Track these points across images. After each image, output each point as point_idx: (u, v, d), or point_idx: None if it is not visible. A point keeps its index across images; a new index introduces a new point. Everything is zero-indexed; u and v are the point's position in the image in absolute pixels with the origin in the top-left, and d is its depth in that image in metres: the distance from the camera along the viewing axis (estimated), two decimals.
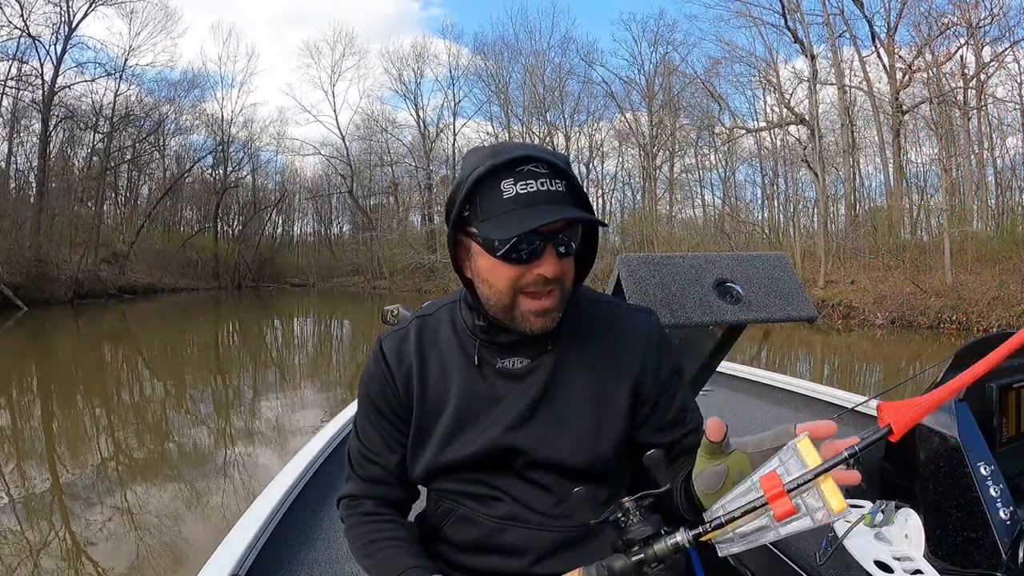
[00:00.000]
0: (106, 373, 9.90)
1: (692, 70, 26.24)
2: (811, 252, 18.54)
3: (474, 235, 0.85)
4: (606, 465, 0.93)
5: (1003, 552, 1.23)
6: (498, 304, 0.87)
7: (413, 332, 0.98)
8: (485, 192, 0.83)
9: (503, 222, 0.81)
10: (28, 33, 22.84)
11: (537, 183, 0.82)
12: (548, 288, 0.85)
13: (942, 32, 17.88)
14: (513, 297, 0.86)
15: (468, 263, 0.90)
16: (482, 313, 0.91)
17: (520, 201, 0.81)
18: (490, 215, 0.82)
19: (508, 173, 0.82)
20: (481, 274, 0.87)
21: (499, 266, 0.84)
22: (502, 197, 0.82)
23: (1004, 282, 12.58)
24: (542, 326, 0.87)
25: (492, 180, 0.82)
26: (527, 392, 0.92)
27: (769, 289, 1.73)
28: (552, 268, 0.83)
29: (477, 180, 0.82)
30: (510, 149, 0.83)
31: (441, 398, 0.94)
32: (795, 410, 2.95)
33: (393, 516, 0.99)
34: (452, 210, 0.86)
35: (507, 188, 0.81)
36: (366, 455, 0.98)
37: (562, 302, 0.89)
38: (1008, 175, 17.91)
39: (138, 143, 31.21)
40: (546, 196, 0.82)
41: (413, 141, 36.51)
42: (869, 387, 8.24)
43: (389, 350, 0.97)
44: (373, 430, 0.98)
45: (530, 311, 0.86)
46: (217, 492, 4.40)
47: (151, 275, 29.65)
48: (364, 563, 0.93)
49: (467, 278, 0.91)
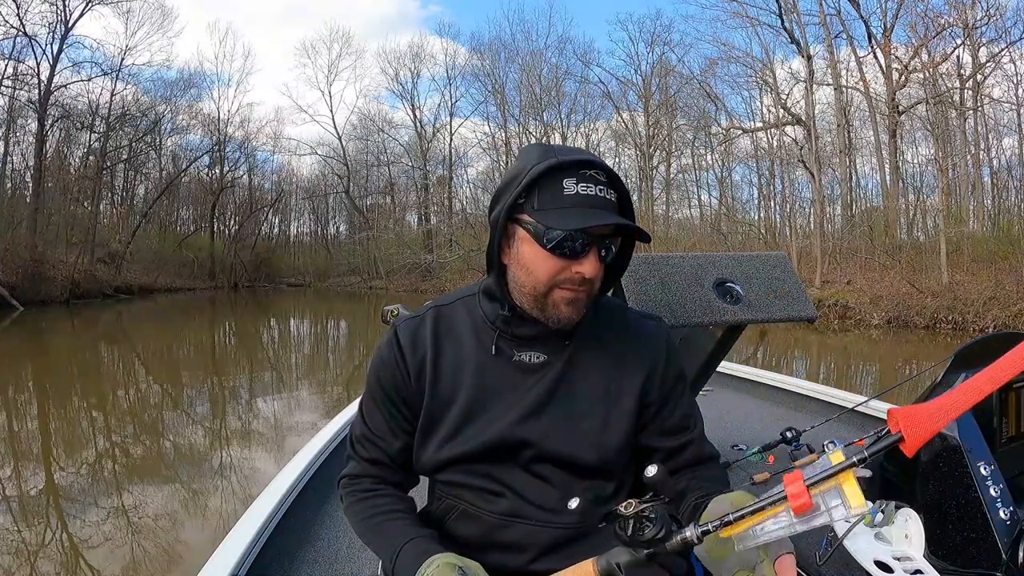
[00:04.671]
0: (102, 373, 9.87)
1: (689, 70, 26.33)
2: (807, 252, 18.55)
3: (525, 223, 0.89)
4: (611, 463, 0.95)
5: (1003, 552, 1.23)
6: (532, 292, 0.90)
7: (429, 320, 1.00)
8: (546, 185, 0.87)
9: (561, 216, 0.86)
10: (24, 32, 22.78)
11: (596, 188, 0.87)
12: (583, 288, 0.90)
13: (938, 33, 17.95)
14: (549, 288, 0.89)
15: (508, 249, 0.93)
16: (508, 303, 0.94)
17: (579, 200, 0.86)
18: (548, 207, 0.87)
19: (571, 173, 0.87)
20: (523, 261, 0.90)
21: (544, 256, 0.88)
22: (563, 193, 0.86)
23: (1000, 282, 12.61)
24: (568, 316, 0.91)
25: (555, 176, 0.87)
26: (540, 386, 0.95)
27: (769, 289, 1.73)
28: (592, 268, 0.88)
29: (540, 173, 0.86)
30: (573, 152, 0.89)
31: (454, 387, 0.95)
32: (795, 410, 2.95)
33: (392, 491, 1.00)
34: (505, 196, 0.90)
35: (569, 186, 0.86)
36: (369, 437, 1.00)
37: (589, 300, 0.92)
38: (1004, 175, 18.00)
39: (134, 143, 31.15)
40: (602, 201, 0.87)
41: (410, 141, 36.54)
42: (866, 387, 8.27)
43: (404, 336, 0.98)
44: (379, 414, 0.99)
45: (562, 299, 0.90)
46: (214, 493, 4.38)
47: (147, 275, 29.53)
48: (366, 536, 0.96)
49: (502, 264, 0.94)
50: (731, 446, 2.29)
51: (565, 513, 0.93)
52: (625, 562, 0.71)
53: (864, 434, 2.16)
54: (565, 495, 0.93)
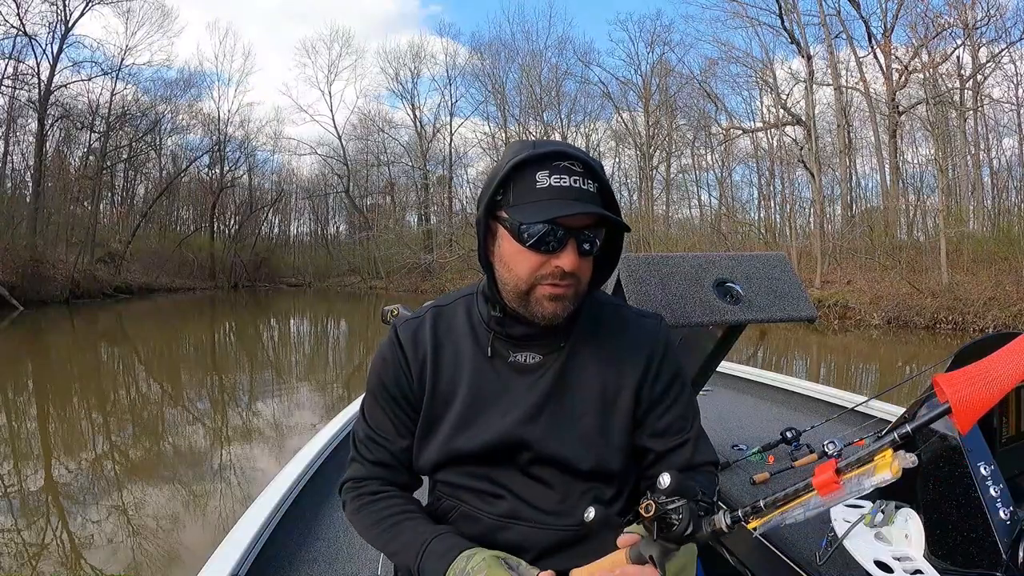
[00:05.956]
0: (102, 373, 9.86)
1: (689, 70, 26.37)
2: (807, 252, 18.56)
3: (503, 219, 0.88)
4: (610, 466, 0.94)
5: (1003, 552, 1.23)
6: (515, 290, 0.89)
7: (429, 321, 0.99)
8: (519, 180, 0.86)
9: (532, 209, 0.84)
10: (24, 31, 22.76)
11: (571, 179, 0.85)
12: (566, 282, 0.87)
13: (938, 33, 17.96)
14: (531, 285, 0.88)
15: (493, 248, 0.92)
16: (499, 304, 0.93)
17: (552, 192, 0.84)
18: (521, 201, 0.86)
19: (544, 165, 0.85)
20: (504, 258, 0.89)
21: (522, 252, 0.87)
22: (535, 186, 0.85)
23: (1000, 282, 12.62)
24: (553, 312, 0.89)
25: (528, 169, 0.86)
26: (537, 387, 0.94)
27: (769, 289, 1.73)
28: (571, 261, 0.85)
29: (513, 167, 0.85)
30: (548, 144, 0.87)
31: (452, 387, 0.95)
32: (795, 410, 2.95)
33: (399, 493, 0.99)
34: (486, 194, 0.89)
35: (541, 179, 0.85)
36: (373, 438, 0.98)
37: (576, 297, 0.91)
38: (1004, 176, 18.01)
39: (134, 142, 31.12)
40: (577, 192, 0.85)
41: (410, 141, 36.56)
42: (866, 387, 8.26)
43: (405, 336, 0.98)
44: (383, 414, 0.98)
45: (545, 296, 0.88)
46: (214, 493, 4.38)
47: (147, 275, 29.52)
48: (379, 540, 0.93)
49: (490, 263, 0.93)
50: (731, 446, 2.29)
51: (564, 515, 0.92)
52: (657, 554, 0.71)
53: (864, 434, 2.16)
54: (564, 498, 0.93)
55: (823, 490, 0.59)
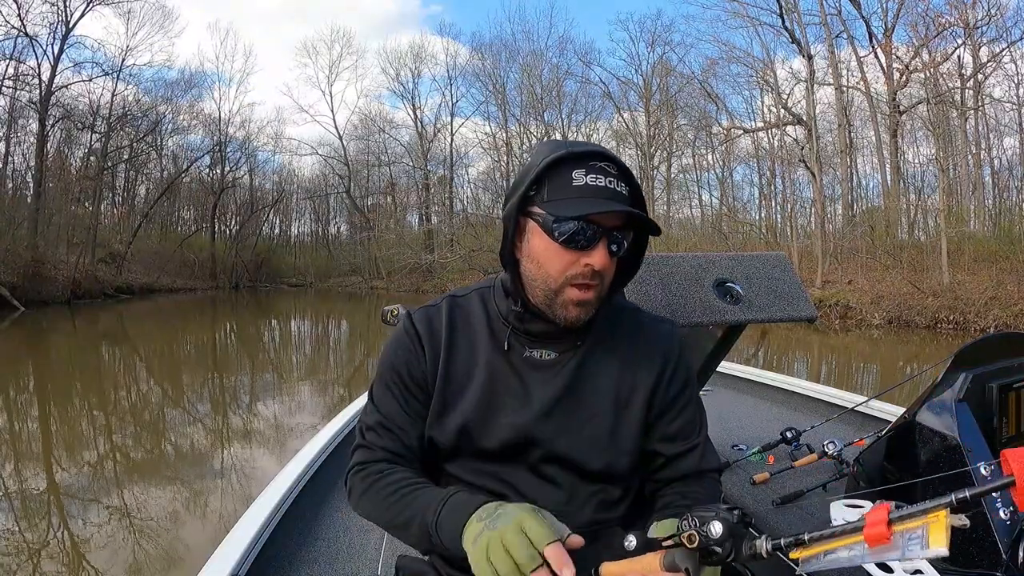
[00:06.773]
0: (103, 373, 9.87)
1: (689, 70, 26.34)
2: (808, 252, 18.56)
3: (535, 215, 0.88)
4: (618, 469, 0.94)
5: (1003, 552, 1.22)
6: (544, 287, 0.89)
7: (444, 310, 0.99)
8: (555, 177, 0.86)
9: (568, 205, 0.85)
10: (25, 32, 22.81)
11: (606, 180, 0.86)
12: (595, 282, 0.88)
13: (939, 32, 17.95)
14: (561, 284, 0.88)
15: (521, 244, 0.92)
16: (520, 299, 0.93)
17: (587, 191, 0.85)
18: (556, 198, 0.86)
19: (580, 164, 0.86)
20: (534, 255, 0.89)
21: (555, 249, 0.86)
22: (571, 183, 0.85)
23: (1001, 282, 12.60)
24: (577, 317, 0.89)
25: (564, 167, 0.86)
26: (551, 384, 0.93)
27: (769, 289, 1.73)
28: (602, 260, 0.86)
29: (549, 165, 0.86)
30: (585, 145, 0.88)
31: (466, 378, 0.94)
32: (795, 410, 2.95)
33: (411, 466, 0.95)
34: (519, 190, 0.89)
35: (578, 177, 0.85)
36: (383, 424, 0.95)
37: (598, 299, 0.91)
38: (1005, 175, 18.06)
39: (135, 143, 31.16)
40: (611, 193, 0.86)
41: (410, 141, 36.61)
42: (866, 387, 8.26)
43: (420, 321, 0.97)
44: (394, 400, 0.95)
45: (572, 300, 0.88)
46: (214, 493, 4.38)
47: (148, 275, 29.57)
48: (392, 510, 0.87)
49: (515, 259, 0.93)
50: (731, 446, 2.29)
51: (569, 515, 0.90)
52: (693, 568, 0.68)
53: (864, 434, 2.15)
54: (570, 498, 0.93)
55: (872, 542, 0.57)
